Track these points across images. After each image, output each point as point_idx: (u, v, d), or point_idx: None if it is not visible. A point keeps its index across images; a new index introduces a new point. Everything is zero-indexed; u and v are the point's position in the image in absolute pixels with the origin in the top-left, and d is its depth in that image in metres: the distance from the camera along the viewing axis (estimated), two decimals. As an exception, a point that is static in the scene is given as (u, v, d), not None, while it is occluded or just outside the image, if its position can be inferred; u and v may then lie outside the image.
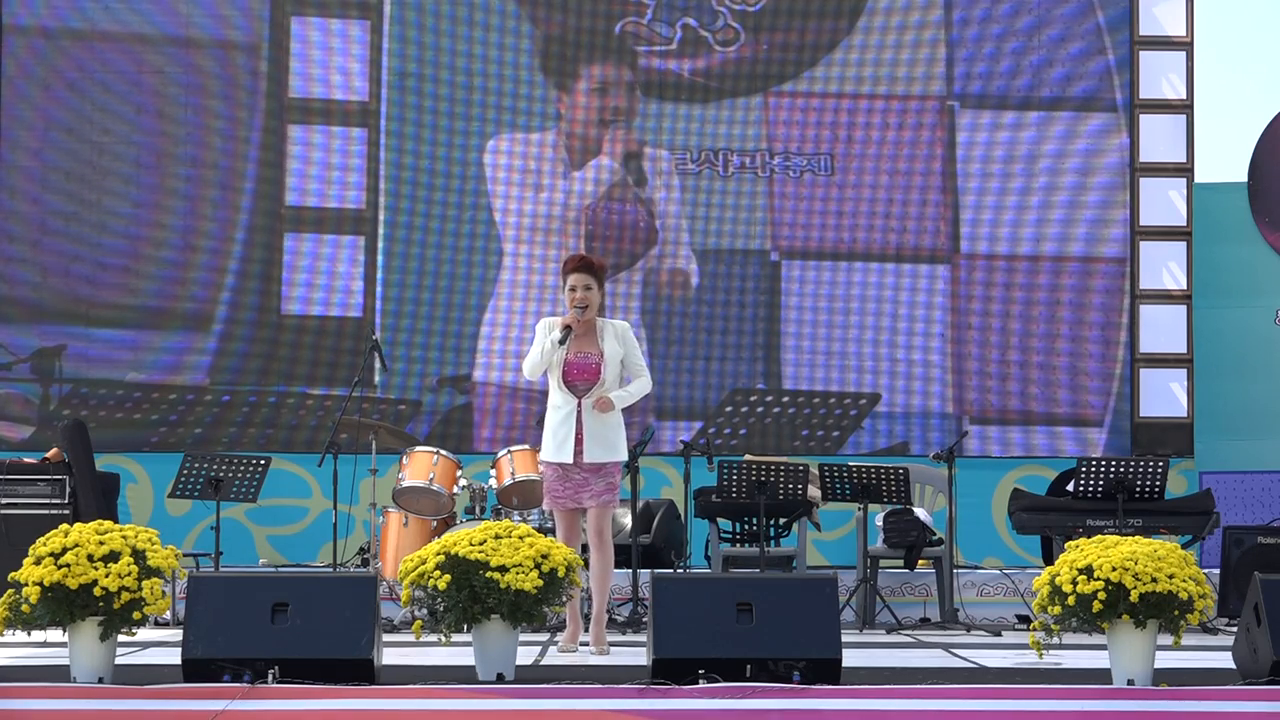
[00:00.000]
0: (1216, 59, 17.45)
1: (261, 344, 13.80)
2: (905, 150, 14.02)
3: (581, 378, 9.40)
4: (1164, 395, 13.95)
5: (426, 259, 13.86)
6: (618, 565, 9.97)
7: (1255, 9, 17.25)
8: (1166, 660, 7.50)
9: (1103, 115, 14.01)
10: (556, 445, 9.37)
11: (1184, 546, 8.26)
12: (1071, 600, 7.22)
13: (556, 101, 13.92)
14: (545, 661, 8.92)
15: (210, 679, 7.07)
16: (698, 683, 7.08)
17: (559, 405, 9.41)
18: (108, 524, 7.45)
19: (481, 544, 7.49)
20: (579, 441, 9.33)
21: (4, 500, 11.76)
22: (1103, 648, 7.47)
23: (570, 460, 9.33)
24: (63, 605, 7.20)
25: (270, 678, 7.05)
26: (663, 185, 13.94)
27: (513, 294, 13.87)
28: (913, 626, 11.55)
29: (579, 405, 9.36)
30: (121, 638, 7.36)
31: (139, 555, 7.30)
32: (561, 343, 9.32)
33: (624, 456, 9.50)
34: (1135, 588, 7.14)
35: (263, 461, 11.69)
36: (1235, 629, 7.89)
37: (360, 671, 7.17)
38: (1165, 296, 14.00)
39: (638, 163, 13.90)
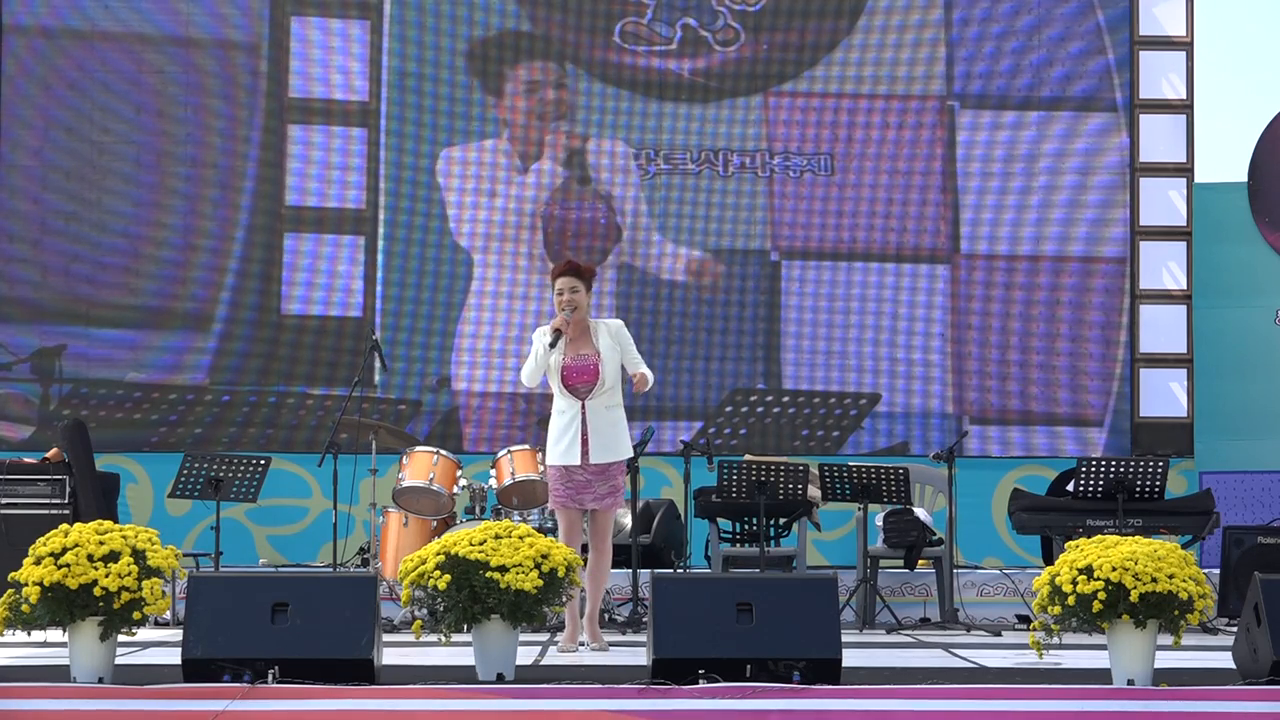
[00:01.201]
0: (1216, 59, 17.46)
1: (261, 344, 13.80)
2: (905, 150, 14.02)
3: (581, 380, 9.44)
4: (1164, 395, 13.95)
5: (426, 259, 13.86)
6: (618, 565, 10.00)
7: (1255, 9, 17.25)
8: (1166, 660, 7.50)
9: (1103, 115, 14.00)
10: (563, 449, 9.42)
11: (1184, 546, 8.25)
12: (1071, 600, 7.22)
13: (495, 106, 13.89)
14: (545, 661, 8.92)
15: (210, 679, 7.07)
16: (698, 683, 7.09)
17: (563, 409, 9.45)
18: (108, 524, 7.45)
19: (481, 544, 7.49)
20: (584, 443, 9.38)
21: (4, 500, 11.77)
22: (1103, 648, 7.47)
23: (577, 462, 9.38)
24: (63, 605, 7.20)
25: (270, 678, 7.05)
26: (641, 184, 13.94)
27: (497, 291, 13.86)
28: (913, 626, 11.55)
29: (583, 408, 9.41)
30: (121, 638, 7.36)
31: (139, 555, 7.30)
32: (552, 346, 9.36)
33: (628, 455, 9.59)
34: (1135, 588, 7.14)
35: (263, 461, 11.69)
36: (1235, 629, 7.89)
37: (360, 671, 7.17)
38: (1165, 296, 14.00)
39: (581, 159, 13.88)
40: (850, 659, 7.48)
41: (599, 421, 9.42)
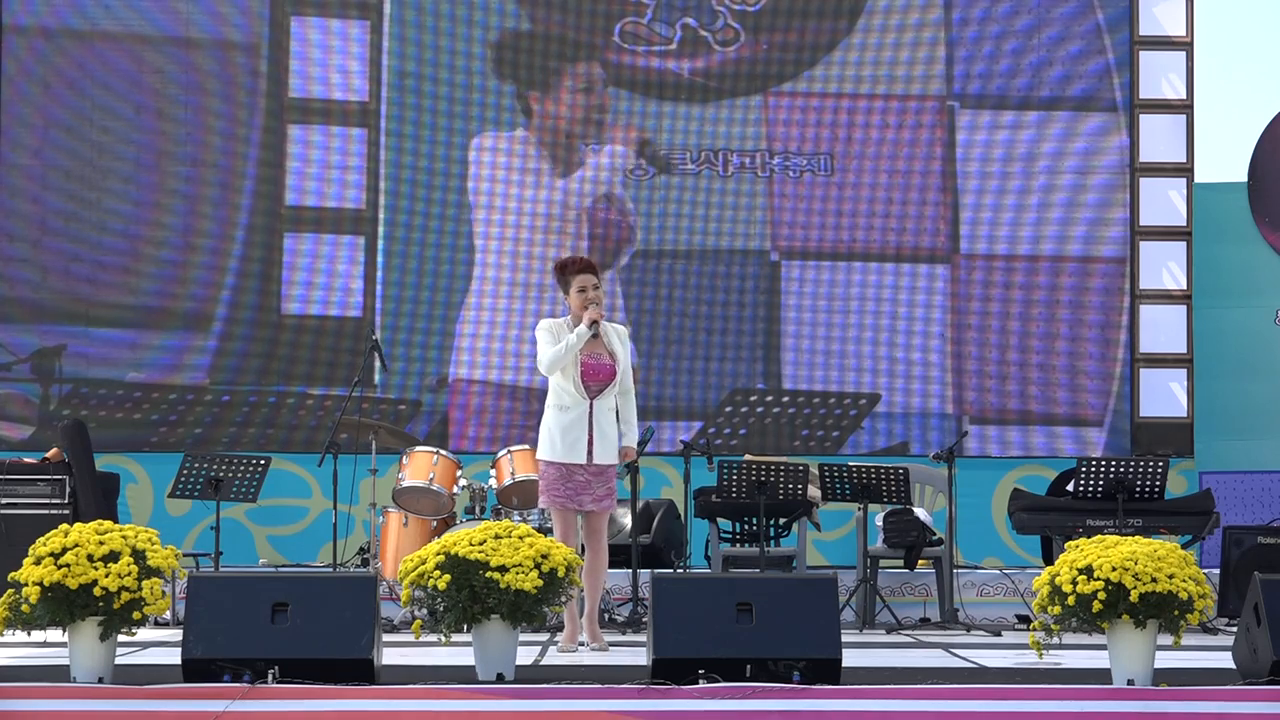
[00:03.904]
0: (1216, 59, 17.45)
1: (261, 344, 13.80)
2: (905, 150, 14.02)
3: (597, 379, 9.44)
4: (1164, 395, 13.95)
5: (426, 259, 13.86)
6: (618, 565, 9.99)
7: (1255, 9, 17.24)
8: (1166, 660, 7.50)
9: (1102, 115, 14.00)
10: (568, 446, 9.38)
11: (1184, 546, 8.26)
12: (1071, 600, 7.22)
13: (530, 98, 13.89)
14: (545, 661, 8.92)
15: (210, 679, 7.07)
16: (698, 683, 7.09)
17: (570, 406, 9.41)
18: (108, 524, 7.45)
19: (481, 544, 7.49)
20: (590, 442, 9.37)
21: (4, 500, 11.77)
22: (1103, 648, 7.47)
23: (582, 461, 9.36)
24: (63, 605, 7.19)
25: (270, 678, 7.05)
26: (641, 184, 13.96)
27: (497, 292, 13.87)
28: (913, 626, 11.55)
29: (591, 407, 9.39)
30: (121, 638, 7.36)
31: (139, 555, 7.30)
32: (595, 336, 9.34)
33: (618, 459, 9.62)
34: (1135, 588, 7.14)
35: (263, 461, 11.69)
36: (1235, 629, 7.89)
37: (360, 671, 7.17)
38: (1165, 296, 14.00)
39: (650, 147, 13.88)
40: (850, 659, 7.48)
41: (604, 422, 9.43)
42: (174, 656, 7.34)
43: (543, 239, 13.86)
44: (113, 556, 7.25)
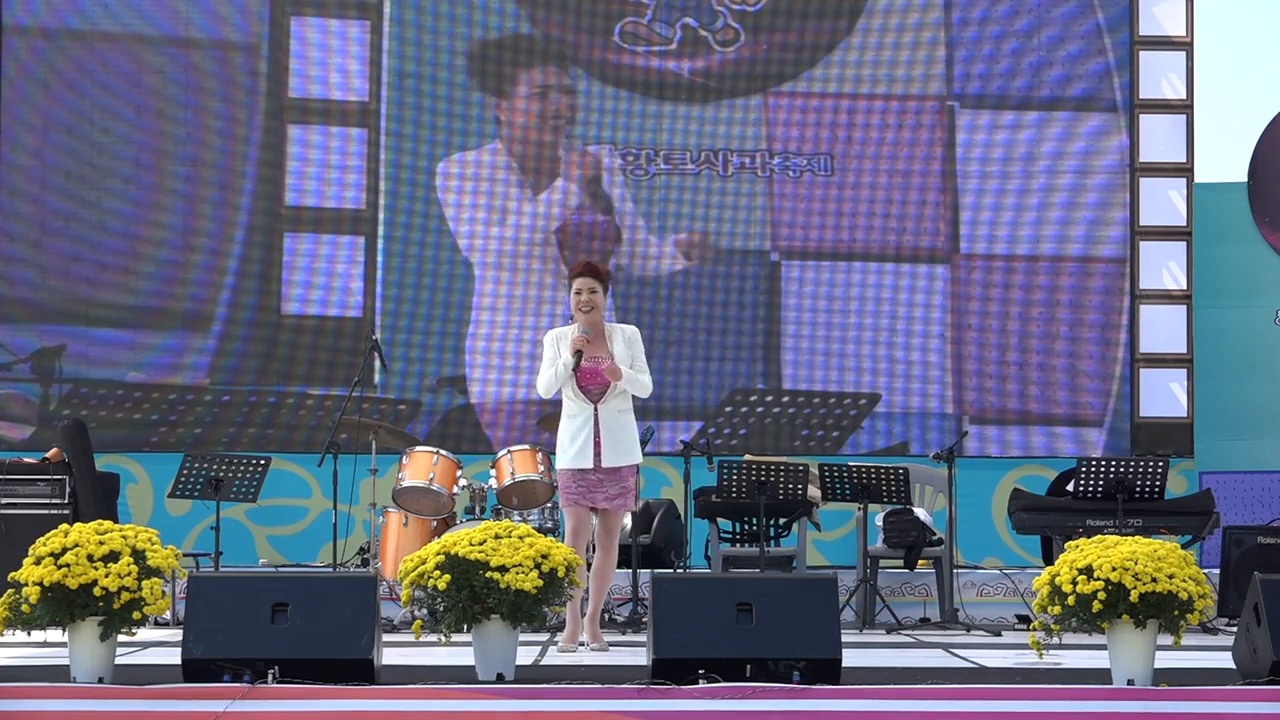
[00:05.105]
0: (1216, 59, 17.45)
1: (261, 344, 13.80)
2: (905, 150, 14.01)
3: (595, 383, 9.47)
4: (1164, 395, 13.95)
5: (426, 259, 13.86)
6: (618, 565, 10.00)
7: (1255, 9, 17.24)
8: (1166, 660, 7.50)
9: (1102, 115, 14.00)
10: (575, 451, 9.43)
11: (1184, 546, 8.26)
12: (1071, 600, 7.22)
13: (496, 108, 13.89)
14: (545, 661, 8.92)
15: (210, 679, 7.07)
16: (698, 683, 7.09)
17: (574, 413, 9.47)
18: (108, 524, 7.45)
19: (481, 544, 7.49)
20: (597, 446, 9.40)
21: (4, 500, 11.76)
22: (1103, 648, 7.47)
23: (589, 466, 9.40)
24: (63, 605, 7.20)
25: (270, 678, 7.05)
26: (641, 183, 13.95)
27: (494, 294, 13.86)
28: (913, 626, 11.55)
29: (595, 411, 9.42)
30: (121, 638, 7.36)
31: (139, 555, 7.30)
32: (576, 368, 9.39)
33: (639, 459, 9.63)
34: (1135, 588, 7.14)
35: (263, 461, 11.69)
36: (1235, 629, 7.89)
37: (360, 671, 7.17)
38: (1165, 296, 14.00)
39: (597, 186, 13.87)
40: (850, 659, 7.49)
41: (611, 424, 9.46)
42: (174, 656, 7.35)
43: (512, 250, 13.85)
44: (113, 556, 7.25)
